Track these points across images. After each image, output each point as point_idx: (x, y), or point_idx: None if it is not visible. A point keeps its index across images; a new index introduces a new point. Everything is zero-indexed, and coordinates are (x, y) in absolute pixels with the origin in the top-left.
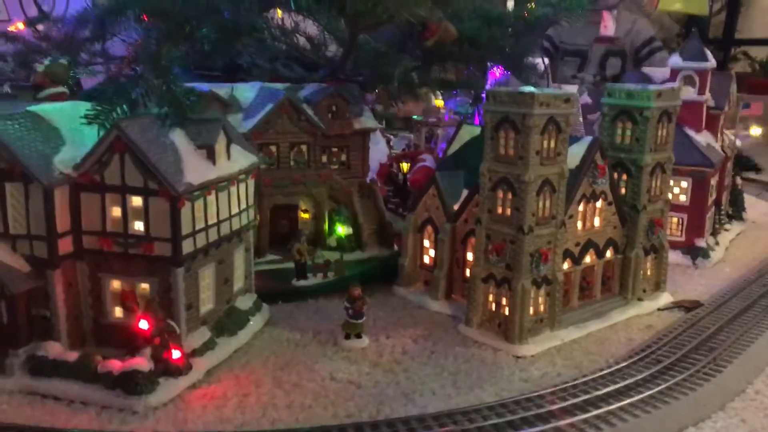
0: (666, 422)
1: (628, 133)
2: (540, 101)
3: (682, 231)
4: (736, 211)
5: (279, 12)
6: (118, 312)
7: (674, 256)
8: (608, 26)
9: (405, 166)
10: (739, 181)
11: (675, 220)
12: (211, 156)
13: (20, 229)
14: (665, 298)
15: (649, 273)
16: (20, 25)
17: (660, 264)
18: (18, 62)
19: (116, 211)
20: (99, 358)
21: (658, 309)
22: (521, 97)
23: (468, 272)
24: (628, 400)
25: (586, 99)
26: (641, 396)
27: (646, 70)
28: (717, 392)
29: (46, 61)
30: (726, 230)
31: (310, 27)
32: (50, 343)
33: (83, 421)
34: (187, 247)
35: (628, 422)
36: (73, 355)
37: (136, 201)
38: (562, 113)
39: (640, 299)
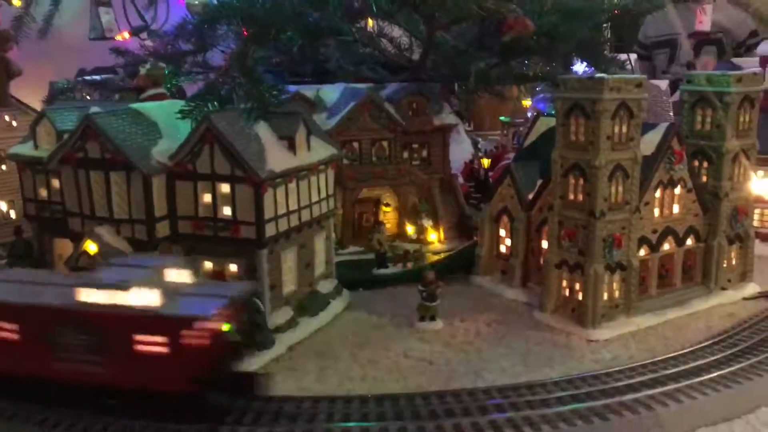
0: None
1: (708, 119)
2: (610, 86)
3: None
4: None
5: (370, 21)
6: None
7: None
8: (704, 21)
9: (486, 161)
10: None
11: None
12: (292, 146)
13: (123, 213)
14: (751, 289)
15: (734, 262)
16: (126, 35)
17: (745, 253)
18: (127, 73)
19: (207, 197)
20: None
21: (743, 298)
22: (591, 83)
23: (542, 260)
24: (698, 379)
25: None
26: (711, 375)
27: (735, 60)
28: None
29: (147, 66)
30: None
31: (395, 31)
32: None
33: None
34: (270, 230)
35: (697, 399)
36: None
37: (225, 188)
38: (633, 98)
39: (723, 288)
